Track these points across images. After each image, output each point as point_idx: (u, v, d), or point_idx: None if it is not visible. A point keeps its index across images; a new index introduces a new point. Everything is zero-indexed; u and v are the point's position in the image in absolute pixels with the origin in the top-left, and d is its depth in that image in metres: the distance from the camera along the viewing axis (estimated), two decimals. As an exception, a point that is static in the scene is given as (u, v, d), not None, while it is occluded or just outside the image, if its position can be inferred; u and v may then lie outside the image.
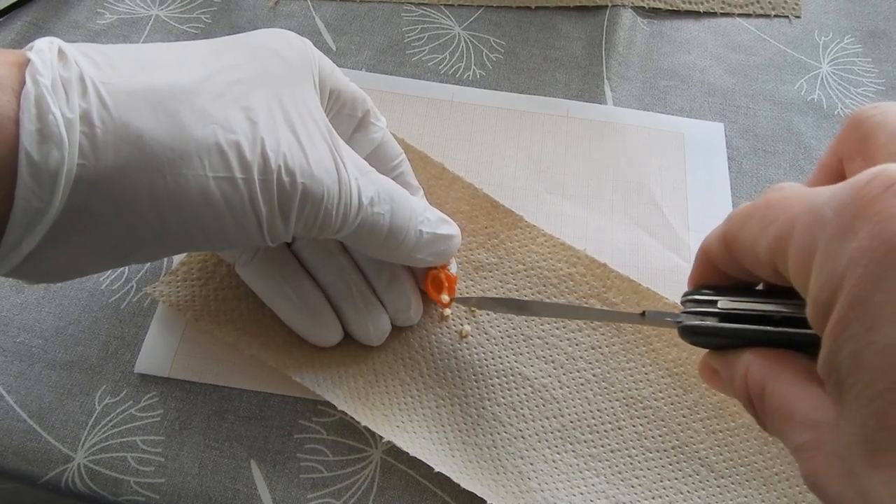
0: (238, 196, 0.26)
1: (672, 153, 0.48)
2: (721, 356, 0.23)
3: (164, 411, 0.37)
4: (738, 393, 0.22)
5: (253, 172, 0.26)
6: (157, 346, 0.39)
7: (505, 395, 0.38)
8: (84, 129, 0.23)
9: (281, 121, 0.27)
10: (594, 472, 0.36)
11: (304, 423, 0.37)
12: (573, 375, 0.39)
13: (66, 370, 0.38)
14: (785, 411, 0.19)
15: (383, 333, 0.37)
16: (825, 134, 0.50)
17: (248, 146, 0.26)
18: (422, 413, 0.37)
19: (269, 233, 0.28)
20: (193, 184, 0.25)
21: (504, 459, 0.36)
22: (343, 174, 0.29)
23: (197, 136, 0.25)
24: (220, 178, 0.25)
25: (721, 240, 0.23)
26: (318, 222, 0.28)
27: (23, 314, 0.40)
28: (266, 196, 0.26)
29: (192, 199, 0.25)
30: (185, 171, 0.24)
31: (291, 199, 0.27)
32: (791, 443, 0.19)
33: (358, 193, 0.29)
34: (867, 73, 0.53)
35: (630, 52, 0.52)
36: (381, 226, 0.31)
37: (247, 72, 0.28)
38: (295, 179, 0.27)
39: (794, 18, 0.56)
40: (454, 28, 0.53)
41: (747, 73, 0.52)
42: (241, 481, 0.36)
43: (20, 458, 0.36)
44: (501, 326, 0.40)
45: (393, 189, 0.32)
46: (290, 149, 0.27)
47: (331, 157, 0.28)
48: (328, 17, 0.53)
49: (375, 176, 0.31)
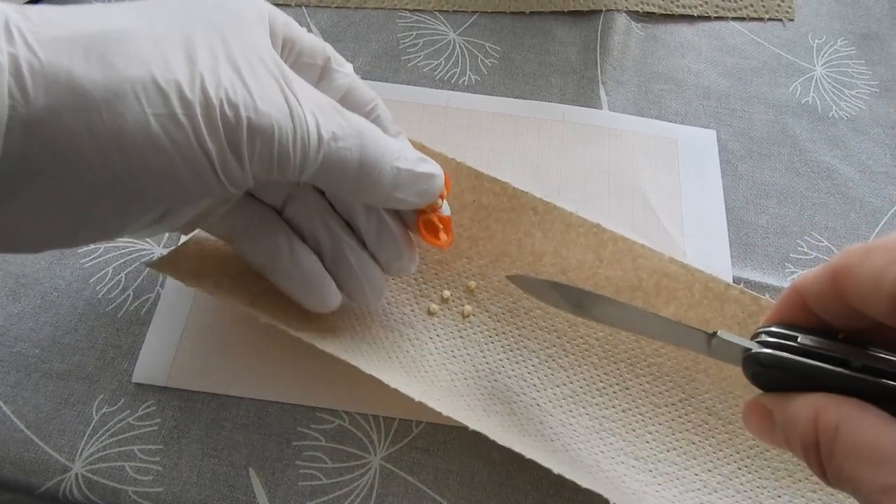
0: (182, 132, 0.25)
1: (666, 158, 0.48)
2: (781, 398, 0.23)
3: (161, 420, 0.37)
4: (799, 435, 0.21)
5: (195, 109, 0.25)
6: (154, 355, 0.39)
7: (514, 368, 0.39)
8: (12, 73, 0.23)
9: (223, 60, 0.26)
10: (609, 432, 0.37)
11: (302, 430, 0.37)
12: (577, 342, 0.39)
13: (63, 380, 0.38)
14: (868, 452, 0.19)
15: (380, 293, 0.36)
16: (820, 136, 0.50)
17: (188, 83, 0.25)
18: (439, 385, 0.37)
19: (225, 174, 0.27)
20: (133, 122, 0.24)
21: (525, 424, 0.37)
22: (296, 108, 0.28)
23: (132, 75, 0.24)
24: (161, 115, 0.25)
25: (829, 274, 0.22)
26: (275, 160, 0.28)
27: (19, 323, 0.40)
28: (211, 131, 0.26)
29: (133, 137, 0.24)
30: (121, 110, 0.24)
31: (238, 133, 0.26)
32: (876, 484, 0.18)
33: (316, 127, 0.28)
34: (861, 75, 0.53)
35: (625, 57, 0.52)
36: (350, 161, 0.30)
37: (188, 18, 0.27)
38: (239, 113, 0.26)
39: (787, 21, 0.56)
40: (449, 34, 0.53)
41: (741, 76, 0.53)
42: (240, 489, 0.36)
43: (17, 468, 0.36)
44: (502, 303, 0.40)
45: (362, 124, 0.31)
46: (231, 84, 0.26)
47: (279, 91, 0.27)
48: (323, 24, 0.53)
49: (342, 112, 0.30)
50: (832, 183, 0.48)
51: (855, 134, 0.50)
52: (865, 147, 0.50)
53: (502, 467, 0.37)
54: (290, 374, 0.38)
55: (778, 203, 0.47)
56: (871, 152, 0.49)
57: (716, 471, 0.36)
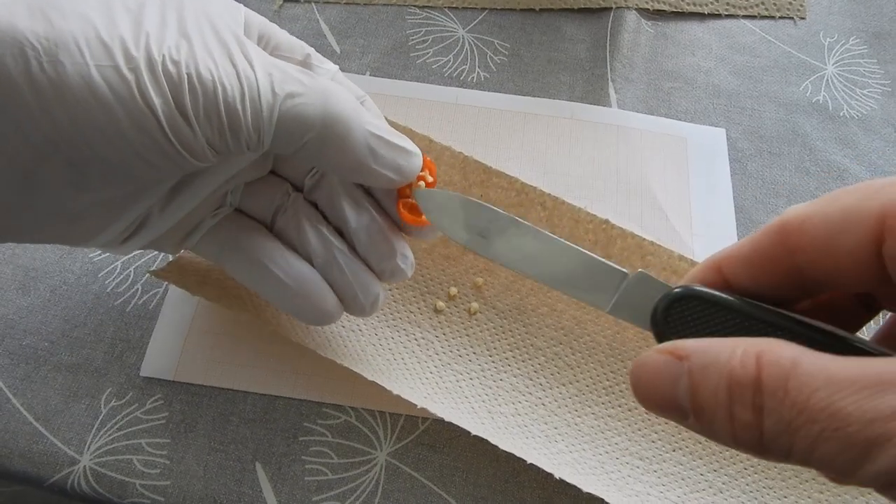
0: (124, 85, 0.24)
1: (675, 157, 0.47)
2: (700, 341, 0.19)
3: (169, 414, 0.37)
4: (726, 376, 0.18)
5: (138, 62, 0.25)
6: (162, 349, 0.39)
7: (520, 366, 0.39)
8: None
9: (173, 25, 0.26)
10: (615, 432, 0.37)
11: (308, 425, 0.37)
12: (583, 340, 0.39)
13: (71, 373, 0.38)
14: (854, 380, 0.16)
15: (374, 299, 0.34)
16: (830, 135, 0.50)
17: (132, 39, 0.25)
18: (444, 387, 0.37)
19: (175, 135, 0.26)
20: (73, 71, 0.24)
21: (530, 425, 0.37)
22: (244, 68, 0.27)
23: (75, 28, 0.24)
24: (103, 66, 0.24)
25: (778, 230, 0.20)
26: (224, 120, 0.26)
27: (29, 317, 0.40)
28: (155, 86, 0.25)
29: (74, 87, 0.24)
30: (62, 59, 0.24)
31: (181, 88, 0.25)
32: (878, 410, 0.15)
33: (270, 85, 0.27)
34: (872, 74, 0.53)
35: (634, 55, 0.52)
36: (311, 116, 0.28)
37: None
38: (180, 70, 0.25)
39: (798, 20, 0.56)
40: (458, 31, 0.53)
41: (752, 74, 0.52)
42: (247, 484, 0.36)
43: (26, 460, 0.36)
44: (509, 300, 0.40)
45: (328, 84, 0.29)
46: (176, 44, 0.26)
47: (226, 55, 0.27)
48: (332, 21, 0.53)
49: (306, 73, 0.29)
50: (842, 182, 0.47)
51: (866, 133, 0.50)
52: (876, 146, 0.49)
53: (508, 464, 0.37)
54: (297, 370, 0.39)
55: (787, 202, 0.46)
56: (882, 152, 0.49)
57: (721, 471, 0.36)
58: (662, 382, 0.19)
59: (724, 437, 0.18)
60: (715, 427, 0.18)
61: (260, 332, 0.39)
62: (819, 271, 0.20)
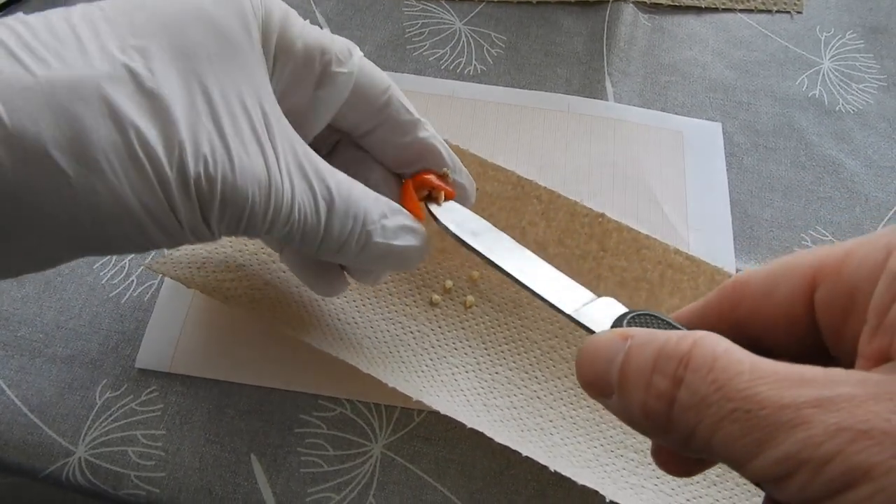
0: (156, 201, 0.24)
1: (671, 151, 0.48)
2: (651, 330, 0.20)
3: (164, 406, 0.37)
4: (655, 350, 0.18)
5: (170, 183, 0.24)
6: (158, 340, 0.39)
7: (515, 359, 0.39)
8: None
9: (203, 111, 0.25)
10: (610, 425, 0.37)
11: (304, 417, 0.37)
12: (579, 333, 0.39)
13: (66, 364, 0.38)
14: (778, 375, 0.16)
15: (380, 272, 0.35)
16: (826, 130, 0.50)
17: (165, 152, 0.24)
18: (439, 380, 0.37)
19: (194, 234, 0.26)
20: (105, 192, 0.23)
21: (525, 418, 0.37)
22: (275, 176, 0.26)
23: (104, 143, 0.23)
24: (136, 188, 0.23)
25: (729, 287, 0.21)
26: (244, 225, 0.27)
27: (23, 308, 0.40)
28: (187, 203, 0.25)
29: (106, 208, 0.23)
30: (93, 180, 0.23)
31: (211, 204, 0.25)
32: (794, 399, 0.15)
33: (291, 195, 0.27)
34: (869, 69, 0.53)
35: (631, 48, 0.52)
36: (313, 226, 0.28)
37: (159, 44, 0.25)
38: (214, 188, 0.25)
39: (795, 14, 0.56)
40: (455, 23, 0.53)
41: (748, 68, 0.52)
42: (242, 475, 0.36)
43: (21, 452, 0.36)
44: (504, 293, 0.40)
45: (350, 201, 0.29)
46: (211, 150, 0.25)
47: (260, 155, 0.26)
48: (329, 12, 0.53)
49: (319, 172, 0.29)
50: (838, 177, 0.48)
51: (861, 128, 0.50)
52: (872, 141, 0.49)
53: (502, 457, 0.37)
54: (293, 362, 0.38)
55: (783, 196, 0.47)
56: (878, 147, 0.49)
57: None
58: (600, 358, 0.20)
59: (636, 408, 0.18)
60: (630, 398, 0.18)
61: (255, 324, 0.39)
62: (757, 323, 0.21)
